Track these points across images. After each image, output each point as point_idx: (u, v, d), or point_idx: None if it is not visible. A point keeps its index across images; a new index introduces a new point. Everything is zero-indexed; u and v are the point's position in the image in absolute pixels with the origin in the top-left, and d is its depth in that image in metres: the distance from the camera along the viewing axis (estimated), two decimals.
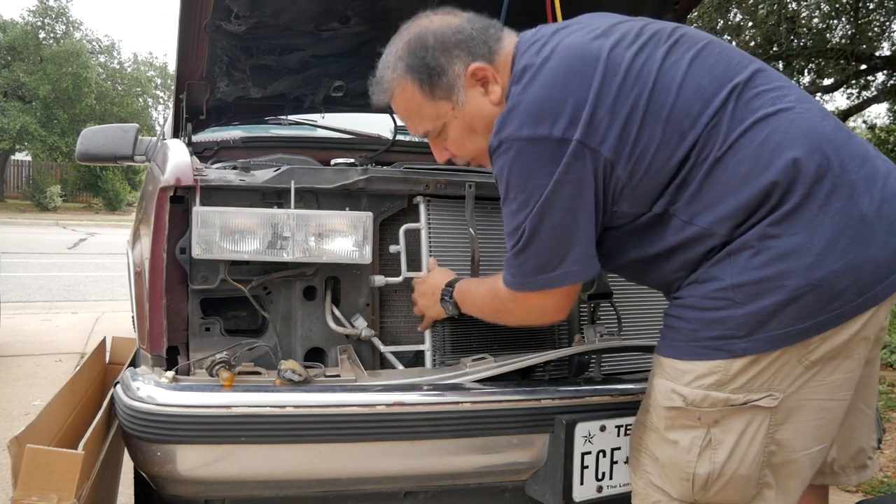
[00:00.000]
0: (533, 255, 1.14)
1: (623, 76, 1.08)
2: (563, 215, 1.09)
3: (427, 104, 1.22)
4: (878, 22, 7.56)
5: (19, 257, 9.27)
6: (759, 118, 1.08)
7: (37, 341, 4.50)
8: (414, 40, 1.21)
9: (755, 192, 1.05)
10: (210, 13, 1.77)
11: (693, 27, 1.26)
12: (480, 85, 1.19)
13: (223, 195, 1.47)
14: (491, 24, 1.23)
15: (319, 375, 1.41)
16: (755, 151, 1.06)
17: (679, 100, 1.09)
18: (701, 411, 1.12)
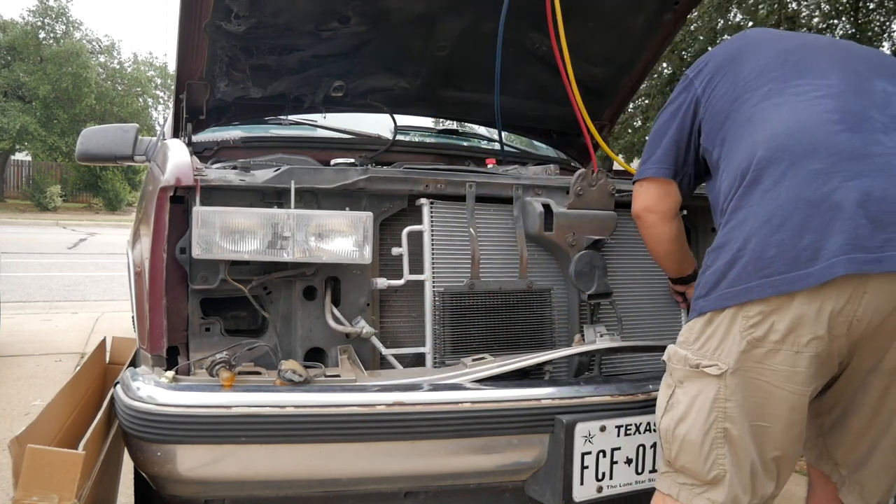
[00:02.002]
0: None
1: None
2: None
3: None
4: (878, 22, 7.55)
5: (19, 257, 9.27)
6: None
7: (37, 341, 4.50)
8: None
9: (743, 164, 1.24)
10: (210, 13, 1.77)
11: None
12: None
13: (223, 195, 1.47)
14: None
15: (319, 375, 1.41)
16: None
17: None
18: (672, 367, 1.30)
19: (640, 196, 1.48)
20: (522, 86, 2.43)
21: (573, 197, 1.67)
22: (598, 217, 1.67)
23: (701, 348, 1.23)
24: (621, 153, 8.86)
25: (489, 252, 1.66)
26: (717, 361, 1.19)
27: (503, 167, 2.09)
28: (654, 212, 1.47)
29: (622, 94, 2.54)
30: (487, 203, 1.67)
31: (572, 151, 2.92)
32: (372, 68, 2.26)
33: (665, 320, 1.84)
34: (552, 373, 1.65)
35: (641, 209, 1.49)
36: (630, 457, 1.46)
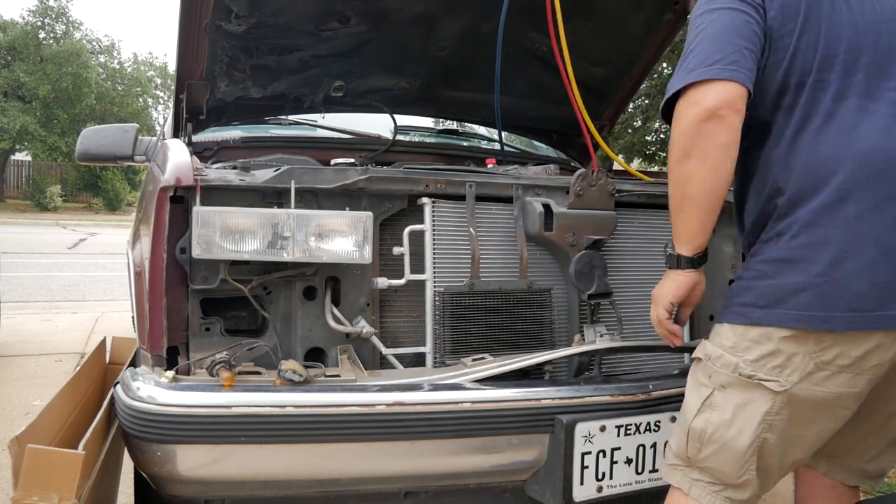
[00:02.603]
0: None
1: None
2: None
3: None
4: None
5: (19, 257, 9.27)
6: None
7: (37, 341, 4.50)
8: None
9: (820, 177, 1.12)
10: (210, 13, 1.77)
11: None
12: None
13: (223, 195, 1.47)
14: None
15: (319, 375, 1.41)
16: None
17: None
18: (713, 369, 1.22)
19: (711, 93, 1.13)
20: (522, 86, 2.43)
21: (573, 197, 1.67)
22: (598, 217, 1.67)
23: (758, 361, 1.16)
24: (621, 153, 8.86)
25: (489, 252, 1.66)
26: (778, 378, 1.14)
27: (503, 167, 2.09)
28: (738, 111, 1.14)
29: (622, 94, 2.54)
30: (487, 203, 1.67)
31: (572, 151, 2.92)
32: (372, 68, 2.26)
33: None
34: (552, 373, 1.66)
35: (722, 104, 1.13)
36: (630, 457, 1.46)
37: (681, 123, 1.16)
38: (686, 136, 1.15)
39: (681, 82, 1.16)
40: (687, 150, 1.15)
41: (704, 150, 1.13)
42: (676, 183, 1.20)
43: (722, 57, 1.14)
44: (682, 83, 1.16)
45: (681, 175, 1.18)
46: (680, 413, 1.32)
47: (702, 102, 1.13)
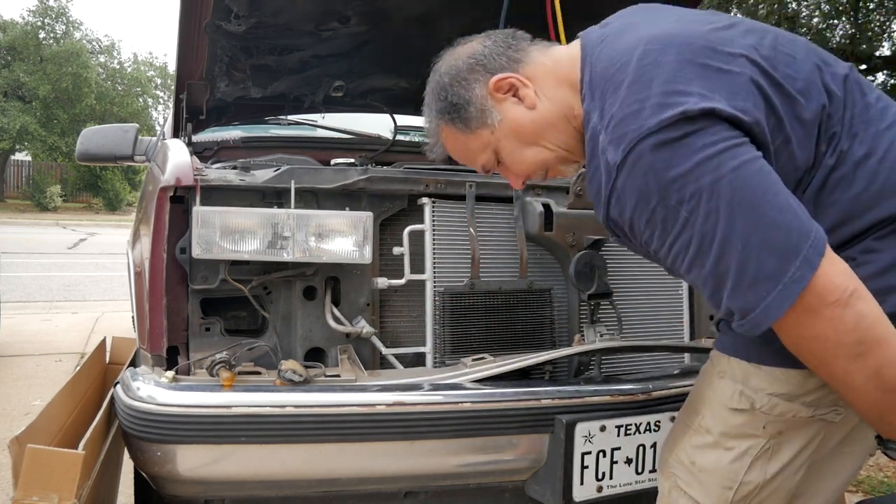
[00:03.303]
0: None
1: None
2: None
3: (470, 138, 1.15)
4: (878, 22, 7.56)
5: (19, 257, 9.27)
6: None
7: (37, 341, 4.50)
8: (434, 85, 1.17)
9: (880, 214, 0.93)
10: (210, 13, 1.77)
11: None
12: (511, 95, 1.10)
13: (223, 195, 1.47)
14: (511, 35, 1.14)
15: (319, 375, 1.41)
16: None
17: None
18: (768, 419, 1.03)
19: (823, 282, 0.84)
20: None
21: (573, 197, 1.67)
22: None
23: (815, 401, 1.01)
24: None
25: (489, 252, 1.66)
26: (836, 406, 1.00)
27: None
28: (850, 271, 0.88)
29: None
30: (487, 203, 1.67)
31: None
32: (372, 68, 2.26)
33: (665, 320, 1.84)
34: (552, 373, 1.65)
35: (843, 281, 0.85)
36: (630, 457, 1.46)
37: (820, 338, 0.87)
38: (839, 342, 0.86)
39: (779, 307, 0.85)
40: (854, 351, 0.86)
41: (870, 334, 0.85)
42: (866, 388, 0.88)
43: (798, 237, 0.84)
44: (781, 308, 0.85)
45: (865, 376, 0.87)
46: (710, 465, 1.09)
47: (826, 299, 0.84)
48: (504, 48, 1.12)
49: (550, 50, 1.13)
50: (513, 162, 1.15)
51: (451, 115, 1.14)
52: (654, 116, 0.87)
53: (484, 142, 1.14)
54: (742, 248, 0.85)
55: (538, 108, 1.09)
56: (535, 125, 1.10)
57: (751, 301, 0.87)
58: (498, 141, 1.13)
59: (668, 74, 0.89)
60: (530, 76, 1.10)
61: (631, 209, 0.93)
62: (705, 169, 0.85)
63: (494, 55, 1.11)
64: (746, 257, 0.85)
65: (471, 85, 1.11)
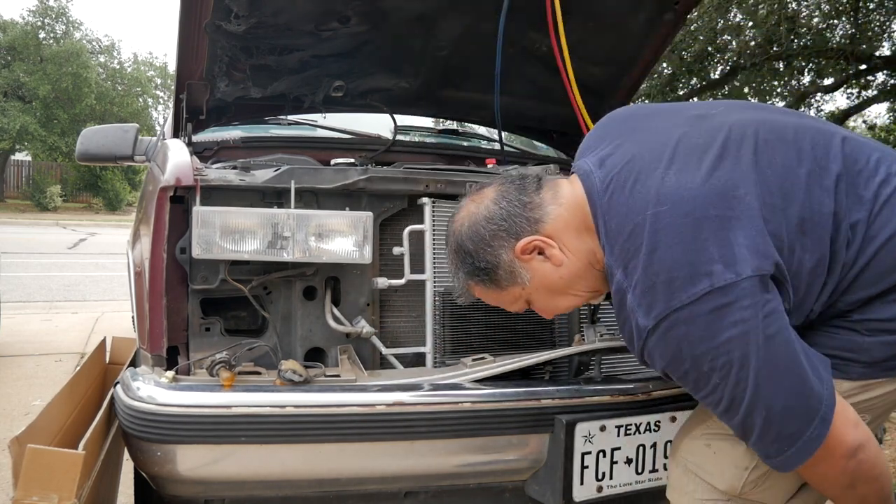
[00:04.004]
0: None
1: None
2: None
3: (501, 293, 1.22)
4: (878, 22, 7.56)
5: (19, 257, 9.27)
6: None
7: (37, 341, 4.50)
8: (456, 248, 1.22)
9: None
10: (210, 13, 1.77)
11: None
12: (537, 253, 1.15)
13: (223, 195, 1.47)
14: (521, 189, 1.17)
15: (319, 375, 1.41)
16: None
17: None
18: None
19: (837, 439, 0.98)
20: (522, 86, 2.43)
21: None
22: None
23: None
24: None
25: None
26: (864, 413, 1.09)
27: (503, 167, 2.09)
28: (867, 439, 1.02)
29: (622, 94, 2.53)
30: None
31: (572, 151, 2.91)
32: (372, 68, 2.25)
33: None
34: (552, 373, 1.65)
35: (857, 440, 0.99)
36: (630, 457, 1.46)
37: (823, 475, 1.03)
38: (838, 480, 1.03)
39: (799, 459, 0.98)
40: (849, 484, 1.03)
41: (865, 475, 1.02)
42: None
43: (816, 401, 0.96)
44: (801, 460, 0.98)
45: (854, 499, 1.05)
46: (728, 448, 1.15)
47: (836, 452, 0.99)
48: (520, 208, 1.15)
49: (560, 194, 1.16)
50: (545, 309, 1.24)
51: (480, 277, 1.20)
52: (683, 291, 0.93)
53: (515, 295, 1.21)
54: (767, 413, 0.96)
55: (565, 264, 1.15)
56: (564, 280, 1.16)
57: (773, 452, 1.00)
58: (529, 294, 1.20)
59: (687, 241, 0.95)
60: (551, 234, 1.14)
61: (663, 365, 1.01)
62: (735, 344, 0.92)
63: (514, 218, 1.15)
64: (770, 420, 0.96)
65: (497, 251, 1.16)
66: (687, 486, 1.20)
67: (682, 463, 1.21)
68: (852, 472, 1.00)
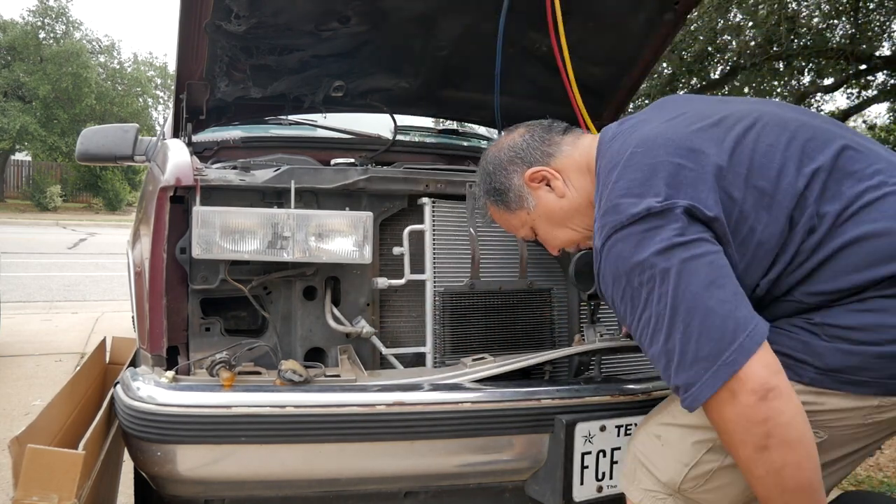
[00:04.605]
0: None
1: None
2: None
3: (511, 216, 1.36)
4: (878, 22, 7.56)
5: (19, 257, 9.27)
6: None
7: (37, 341, 4.50)
8: (481, 169, 1.38)
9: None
10: (210, 13, 1.77)
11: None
12: (544, 185, 1.29)
13: (223, 195, 1.47)
14: (547, 128, 1.32)
15: (319, 375, 1.41)
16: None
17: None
18: None
19: (749, 373, 0.95)
20: (522, 86, 2.43)
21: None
22: None
23: None
24: None
25: (489, 252, 1.66)
26: (819, 430, 1.07)
27: None
28: (780, 369, 0.98)
29: (622, 94, 2.53)
30: None
31: None
32: (372, 68, 2.25)
33: None
34: (552, 373, 1.65)
35: (768, 375, 0.96)
36: None
37: (733, 421, 0.97)
38: (748, 430, 0.96)
39: (712, 385, 0.96)
40: (760, 443, 0.96)
41: (780, 433, 0.95)
42: (766, 480, 0.98)
43: (735, 326, 0.95)
44: (714, 387, 0.95)
45: (767, 470, 0.97)
46: (675, 440, 1.18)
47: (746, 386, 0.95)
48: (539, 143, 1.30)
49: (580, 141, 1.30)
50: (546, 239, 1.36)
51: (494, 198, 1.35)
52: (625, 212, 1.03)
53: (522, 220, 1.35)
54: (684, 330, 0.97)
55: (567, 196, 1.28)
56: (564, 212, 1.29)
57: (691, 378, 0.98)
58: (533, 221, 1.33)
59: (643, 175, 1.04)
60: (559, 168, 1.28)
61: (610, 288, 1.07)
62: (660, 258, 0.98)
63: (531, 149, 1.30)
64: (688, 339, 0.97)
65: (510, 175, 1.32)
66: (636, 475, 1.24)
67: (633, 452, 1.26)
68: (762, 421, 0.94)
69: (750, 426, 0.96)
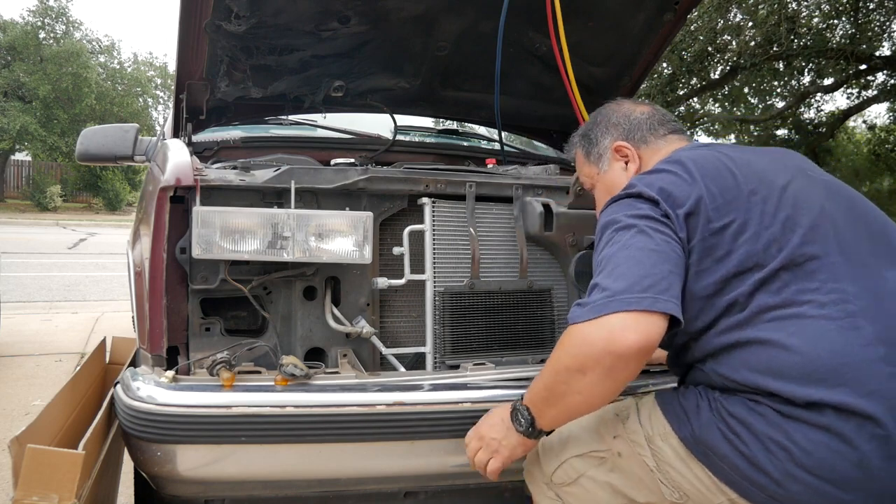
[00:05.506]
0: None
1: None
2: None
3: (585, 164, 1.44)
4: (878, 22, 7.56)
5: (19, 257, 9.27)
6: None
7: (37, 341, 4.50)
8: (592, 116, 1.46)
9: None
10: (210, 13, 1.77)
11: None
12: (624, 161, 1.36)
13: (223, 195, 1.47)
14: (661, 119, 1.38)
15: (320, 373, 1.41)
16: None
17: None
18: (622, 437, 1.22)
19: (641, 328, 1.00)
20: (522, 86, 2.43)
21: (573, 197, 1.67)
22: None
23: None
24: None
25: (489, 252, 1.66)
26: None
27: (503, 167, 2.09)
28: (648, 353, 1.02)
29: (622, 94, 2.53)
30: (487, 203, 1.67)
31: None
32: (372, 68, 2.25)
33: None
34: None
35: (648, 344, 1.00)
36: None
37: (587, 345, 1.02)
38: (591, 357, 1.01)
39: (605, 307, 1.01)
40: (585, 367, 1.02)
41: (610, 377, 1.02)
42: (557, 385, 1.08)
43: (652, 283, 1.02)
44: (607, 309, 1.01)
45: (567, 383, 1.06)
46: (564, 432, 1.29)
47: (626, 336, 0.99)
48: (646, 127, 1.37)
49: (675, 144, 1.34)
50: (598, 200, 1.45)
51: (584, 142, 1.45)
52: (625, 189, 1.21)
53: (590, 173, 1.44)
54: (613, 267, 1.07)
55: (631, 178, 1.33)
56: (619, 188, 1.32)
57: (587, 302, 1.05)
58: (597, 180, 1.43)
59: (649, 175, 1.21)
60: (643, 156, 1.35)
61: (599, 233, 1.19)
62: (631, 219, 1.13)
63: (636, 127, 1.37)
64: (610, 273, 1.07)
65: (605, 134, 1.40)
66: (530, 459, 1.36)
67: (541, 444, 1.34)
68: (603, 361, 1.00)
69: (594, 356, 1.01)
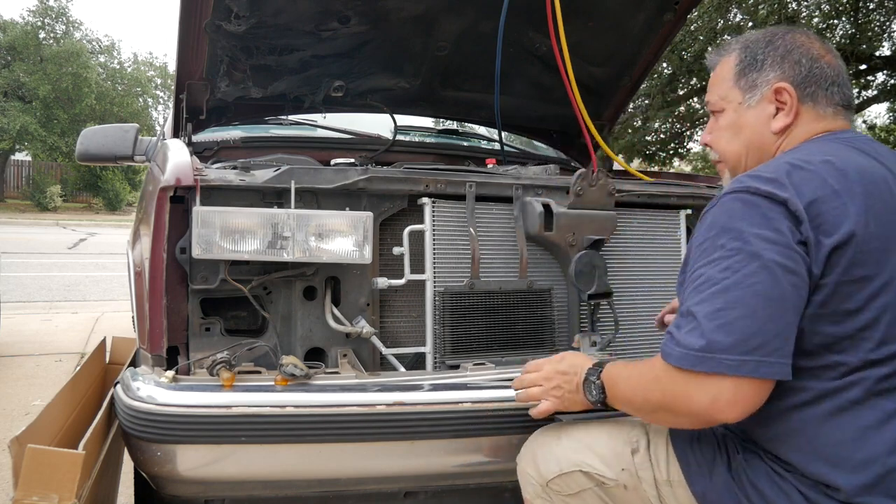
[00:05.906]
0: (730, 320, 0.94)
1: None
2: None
3: (728, 81, 1.20)
4: (878, 22, 7.56)
5: (19, 257, 9.27)
6: None
7: (37, 341, 4.50)
8: (772, 33, 1.19)
9: None
10: (210, 13, 1.77)
11: None
12: (776, 106, 1.15)
13: (223, 195, 1.47)
14: (845, 87, 1.16)
15: (320, 373, 1.41)
16: None
17: None
18: (631, 469, 1.18)
19: (741, 395, 0.93)
20: (522, 86, 2.43)
21: (573, 197, 1.67)
22: (598, 217, 1.67)
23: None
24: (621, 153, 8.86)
25: (489, 252, 1.66)
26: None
27: (503, 167, 2.09)
28: (733, 412, 0.95)
29: (622, 94, 2.54)
30: (487, 203, 1.67)
31: (572, 151, 2.92)
32: (372, 68, 2.26)
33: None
34: None
35: (743, 414, 0.95)
36: None
37: (687, 404, 0.97)
38: (689, 414, 0.98)
39: (703, 363, 0.93)
40: (678, 413, 1.00)
41: (697, 425, 1.03)
42: (644, 404, 1.07)
43: (762, 343, 0.92)
44: (705, 366, 0.93)
45: (654, 412, 1.06)
46: (567, 432, 1.27)
47: (729, 409, 0.94)
48: (823, 84, 1.14)
49: (840, 121, 1.15)
50: (721, 131, 1.23)
51: (743, 56, 1.18)
52: (757, 181, 1.01)
53: (727, 96, 1.21)
54: (720, 308, 0.95)
55: (771, 132, 1.16)
56: (755, 136, 1.17)
57: (688, 341, 0.96)
58: (729, 110, 1.20)
59: (771, 165, 1.05)
60: (800, 114, 1.14)
61: (702, 230, 1.04)
62: (758, 241, 0.95)
63: (815, 78, 1.14)
64: (716, 316, 0.94)
65: (773, 67, 1.15)
66: (524, 456, 1.31)
67: (533, 440, 1.31)
68: (681, 411, 0.98)
69: (669, 403, 0.99)
